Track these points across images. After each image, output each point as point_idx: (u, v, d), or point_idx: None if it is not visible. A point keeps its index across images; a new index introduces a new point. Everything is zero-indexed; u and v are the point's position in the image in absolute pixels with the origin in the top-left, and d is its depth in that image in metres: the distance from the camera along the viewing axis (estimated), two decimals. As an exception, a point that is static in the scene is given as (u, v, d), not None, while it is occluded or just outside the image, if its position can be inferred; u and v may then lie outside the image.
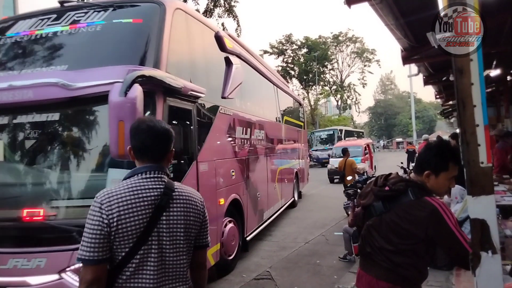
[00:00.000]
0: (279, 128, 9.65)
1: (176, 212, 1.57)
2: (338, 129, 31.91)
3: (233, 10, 18.42)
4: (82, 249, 1.42)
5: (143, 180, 1.54)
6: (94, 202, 1.47)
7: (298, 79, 41.24)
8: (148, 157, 1.59)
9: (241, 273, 5.47)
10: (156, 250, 1.49)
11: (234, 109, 6.03)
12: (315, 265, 5.77)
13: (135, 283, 1.47)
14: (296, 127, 12.11)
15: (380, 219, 1.95)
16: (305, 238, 7.44)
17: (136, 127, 1.61)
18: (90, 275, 1.41)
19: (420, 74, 10.27)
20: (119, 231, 1.43)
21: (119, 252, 1.45)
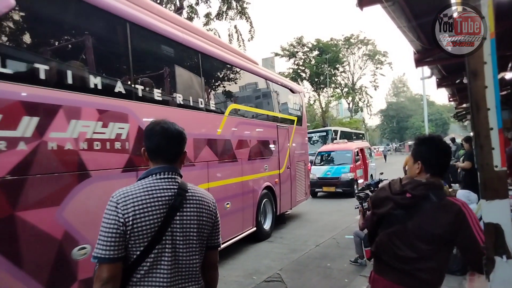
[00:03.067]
0: (208, 122, 5.75)
1: (190, 213, 1.60)
2: (332, 129, 27.13)
3: (245, 12, 18.48)
4: (98, 248, 1.45)
5: (158, 180, 1.57)
6: (110, 202, 1.50)
7: (309, 81, 41.07)
8: (162, 159, 1.63)
9: (251, 275, 5.47)
10: (169, 250, 1.52)
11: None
12: (326, 268, 5.74)
13: (149, 282, 1.50)
14: (277, 123, 8.42)
15: (405, 227, 1.88)
16: (316, 241, 7.41)
17: (151, 129, 1.64)
18: (106, 273, 1.43)
19: (433, 77, 10.15)
20: (134, 230, 1.46)
21: (134, 251, 1.48)
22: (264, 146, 7.75)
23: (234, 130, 6.46)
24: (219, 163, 5.85)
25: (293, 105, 9.91)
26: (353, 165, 14.26)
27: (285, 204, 8.89)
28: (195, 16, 17.93)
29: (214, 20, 18.55)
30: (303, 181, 10.12)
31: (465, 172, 7.05)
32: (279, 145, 8.44)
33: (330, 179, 14.01)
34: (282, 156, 8.61)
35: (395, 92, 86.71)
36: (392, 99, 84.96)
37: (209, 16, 18.44)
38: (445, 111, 67.96)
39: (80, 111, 3.38)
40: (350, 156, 14.61)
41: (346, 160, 14.46)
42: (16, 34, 3.15)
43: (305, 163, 10.34)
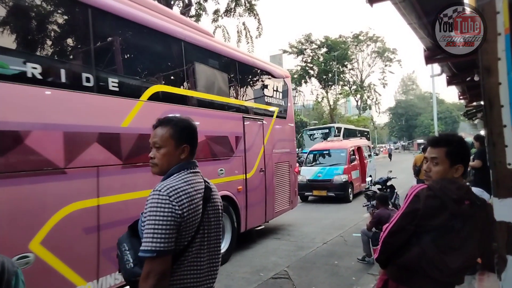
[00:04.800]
0: (103, 109, 4.01)
1: (215, 203, 1.73)
2: (335, 126, 25.39)
3: (253, 9, 18.43)
4: (155, 241, 1.43)
5: (192, 174, 1.66)
6: (159, 195, 1.49)
7: (317, 78, 40.91)
8: (193, 154, 1.73)
9: (258, 272, 5.49)
10: (206, 239, 1.62)
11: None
12: (333, 266, 5.73)
13: (192, 270, 1.57)
14: (244, 114, 6.64)
15: (460, 236, 1.74)
16: (323, 238, 7.39)
17: (194, 127, 1.74)
18: (163, 266, 1.45)
19: (443, 74, 10.03)
20: (187, 221, 1.53)
21: (182, 241, 1.53)
22: (219, 144, 5.93)
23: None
24: (123, 168, 4.08)
25: (273, 93, 7.85)
26: (348, 166, 12.72)
27: (256, 217, 6.89)
28: (204, 13, 17.93)
29: (223, 17, 18.52)
30: (287, 187, 8.10)
31: (475, 171, 6.97)
32: (246, 142, 6.56)
33: (321, 182, 12.48)
34: (251, 157, 6.71)
35: (404, 90, 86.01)
36: (401, 97, 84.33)
37: (217, 13, 18.42)
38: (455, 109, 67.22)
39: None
40: (344, 155, 13.01)
41: (339, 160, 12.92)
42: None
43: (290, 164, 8.32)
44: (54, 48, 3.78)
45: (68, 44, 3.99)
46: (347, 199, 12.29)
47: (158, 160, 1.65)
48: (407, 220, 1.80)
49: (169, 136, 1.64)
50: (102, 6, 4.06)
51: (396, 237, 1.85)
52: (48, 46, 3.71)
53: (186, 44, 5.33)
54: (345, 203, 11.98)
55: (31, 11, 3.53)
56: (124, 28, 4.58)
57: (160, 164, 1.65)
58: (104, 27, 4.30)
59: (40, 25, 3.66)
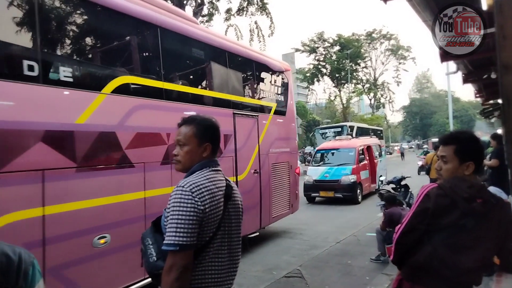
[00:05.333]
0: (51, 103, 3.38)
1: (236, 202, 1.76)
2: (348, 125, 24.79)
3: (266, 8, 18.42)
4: (178, 235, 1.48)
5: (214, 172, 1.70)
6: (182, 191, 1.55)
7: (330, 77, 40.65)
8: (214, 153, 1.78)
9: (271, 270, 5.50)
10: (227, 236, 1.66)
11: None
12: (346, 265, 5.70)
13: (213, 266, 1.60)
14: (235, 110, 6.02)
15: (472, 235, 1.72)
16: (336, 237, 7.36)
17: (217, 127, 1.78)
18: (186, 260, 1.49)
19: (458, 72, 9.86)
20: (209, 217, 1.56)
21: (204, 237, 1.56)
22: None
23: (127, 118, 4.02)
24: (78, 172, 3.48)
25: (270, 87, 7.25)
26: (356, 166, 12.15)
27: (249, 224, 6.13)
28: (216, 12, 17.99)
29: (235, 16, 18.56)
30: (286, 189, 7.48)
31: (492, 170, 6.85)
32: (237, 141, 5.98)
33: (329, 182, 11.96)
34: (243, 157, 6.10)
35: (418, 88, 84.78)
36: (415, 95, 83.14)
37: (229, 12, 18.46)
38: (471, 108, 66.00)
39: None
40: (353, 155, 12.42)
41: (348, 159, 12.34)
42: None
43: (290, 164, 7.69)
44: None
45: (2, 21, 3.11)
46: (356, 200, 11.78)
47: (181, 157, 1.72)
48: (418, 220, 1.79)
49: (193, 134, 1.71)
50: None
51: (408, 237, 1.84)
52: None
53: (162, 30, 4.64)
54: (354, 205, 11.49)
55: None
56: (82, 4, 3.84)
57: (183, 161, 1.72)
58: (65, 13, 3.64)
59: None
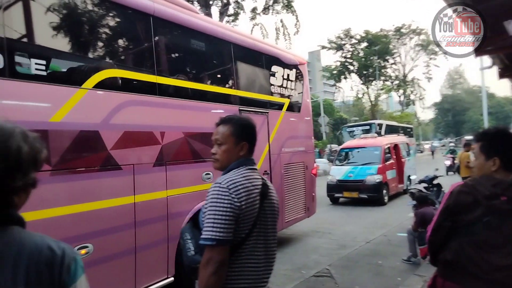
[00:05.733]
0: (21, 99, 3.08)
1: (272, 201, 1.77)
2: (376, 123, 24.30)
3: (291, 6, 18.34)
4: (215, 230, 1.51)
5: (250, 171, 1.73)
6: (219, 188, 1.59)
7: (357, 74, 39.98)
8: (251, 152, 1.81)
9: (300, 269, 5.48)
10: (262, 235, 1.67)
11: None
12: (377, 265, 5.60)
13: (249, 264, 1.62)
14: (240, 106, 5.54)
15: (498, 233, 1.72)
16: (366, 237, 7.24)
17: (253, 126, 1.82)
18: (222, 255, 1.52)
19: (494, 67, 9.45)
20: (244, 214, 1.58)
21: (240, 234, 1.59)
22: (205, 142, 4.67)
23: (113, 115, 3.67)
24: (53, 176, 3.12)
25: (282, 82, 6.70)
26: (382, 165, 11.54)
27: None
28: (242, 12, 18.07)
29: (261, 14, 18.59)
30: (302, 191, 6.97)
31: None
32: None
33: (353, 182, 11.49)
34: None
35: (450, 84, 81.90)
36: (447, 91, 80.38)
37: (255, 11, 18.51)
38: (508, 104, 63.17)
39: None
40: (378, 154, 11.77)
41: (373, 158, 11.73)
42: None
43: (306, 165, 7.15)
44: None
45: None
46: (382, 201, 11.22)
47: (219, 155, 1.76)
48: (443, 217, 1.87)
49: (230, 133, 1.75)
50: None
51: (437, 234, 1.92)
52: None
53: (156, 20, 4.27)
54: (379, 206, 10.93)
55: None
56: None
57: (221, 160, 1.76)
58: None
59: None
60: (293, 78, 7.05)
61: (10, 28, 2.98)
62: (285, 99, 6.76)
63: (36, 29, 3.27)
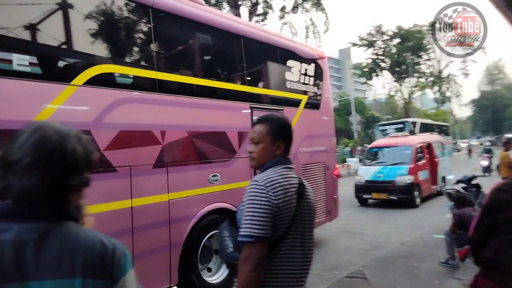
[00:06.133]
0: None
1: (309, 201, 1.77)
2: (410, 121, 23.32)
3: (320, 3, 18.14)
4: (252, 227, 1.54)
5: (287, 169, 1.74)
6: (257, 185, 1.62)
7: (389, 71, 38.95)
8: (287, 151, 1.82)
9: (332, 270, 5.42)
10: (300, 234, 1.68)
11: None
12: (413, 267, 5.44)
13: (286, 263, 1.63)
14: (252, 103, 5.20)
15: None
16: (400, 239, 7.05)
17: (289, 124, 1.84)
18: (261, 252, 1.54)
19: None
20: (282, 213, 1.59)
21: (277, 232, 1.60)
22: (211, 142, 4.54)
23: (107, 113, 3.45)
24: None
25: (300, 77, 6.31)
26: (413, 165, 11.03)
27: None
28: (271, 11, 18.05)
29: (290, 13, 18.50)
30: (322, 194, 6.62)
31: None
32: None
33: (382, 183, 11.01)
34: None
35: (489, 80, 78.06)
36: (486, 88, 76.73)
37: (284, 10, 18.43)
38: (553, 99, 59.58)
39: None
40: (409, 153, 11.31)
41: (404, 158, 11.26)
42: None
43: (327, 165, 6.72)
44: None
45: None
46: (413, 203, 10.66)
47: (256, 154, 1.79)
48: (483, 214, 1.91)
49: (266, 133, 1.77)
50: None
51: (478, 232, 1.95)
52: None
53: (156, 11, 4.03)
54: (411, 209, 10.37)
55: None
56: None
57: (258, 158, 1.79)
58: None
59: None
60: (312, 73, 6.63)
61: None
62: (302, 95, 6.37)
63: (17, 20, 2.98)
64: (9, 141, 0.94)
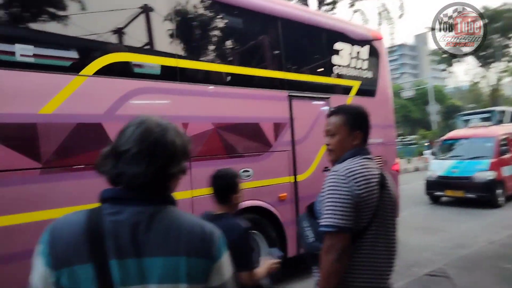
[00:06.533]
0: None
1: (390, 192, 1.69)
2: (497, 110, 20.55)
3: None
4: (335, 217, 1.51)
5: (368, 160, 1.70)
6: (337, 175, 1.60)
7: (474, 55, 35.61)
8: (365, 140, 1.78)
9: (410, 267, 5.15)
10: (382, 227, 1.62)
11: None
12: (504, 269, 4.95)
13: (370, 257, 1.59)
14: (291, 91, 4.79)
15: None
16: (488, 237, 6.45)
17: (365, 113, 1.80)
18: (343, 242, 1.51)
19: None
20: (363, 204, 1.55)
21: (360, 224, 1.57)
22: (241, 134, 4.22)
23: (121, 105, 3.23)
24: (43, 174, 2.81)
25: (350, 61, 5.70)
26: (496, 160, 9.56)
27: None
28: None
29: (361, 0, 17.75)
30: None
31: None
32: (295, 131, 4.74)
33: (457, 179, 9.73)
34: (305, 151, 4.82)
35: None
36: None
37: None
38: None
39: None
40: (491, 146, 9.87)
41: (484, 152, 9.85)
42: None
43: (385, 160, 5.75)
44: None
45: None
46: (495, 203, 9.23)
47: (333, 146, 1.77)
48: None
49: (342, 123, 1.74)
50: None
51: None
52: None
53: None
54: (493, 209, 8.97)
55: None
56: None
57: (335, 150, 1.76)
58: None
59: None
60: (365, 57, 5.99)
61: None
62: (353, 81, 5.73)
63: (23, 10, 2.89)
64: (118, 133, 1.05)
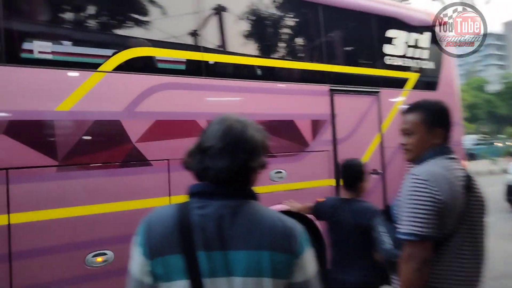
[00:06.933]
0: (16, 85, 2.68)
1: (478, 195, 1.56)
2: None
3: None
4: (415, 225, 1.42)
5: (450, 160, 1.58)
6: (416, 179, 1.49)
7: None
8: (447, 138, 1.66)
9: (498, 278, 4.71)
10: (469, 233, 1.51)
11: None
12: None
13: (454, 266, 1.48)
14: (332, 85, 4.27)
15: None
16: None
17: (446, 109, 1.71)
18: (425, 251, 1.41)
19: None
20: (446, 210, 1.44)
21: (442, 231, 1.46)
22: (273, 133, 3.67)
23: (141, 102, 3.09)
24: (60, 172, 2.76)
25: (406, 50, 5.09)
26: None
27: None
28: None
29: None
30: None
31: None
32: (338, 129, 4.25)
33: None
34: (349, 151, 4.17)
35: None
36: None
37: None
38: None
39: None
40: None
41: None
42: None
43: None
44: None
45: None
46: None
47: (411, 146, 1.66)
48: None
49: (420, 121, 1.63)
50: None
51: None
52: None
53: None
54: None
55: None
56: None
57: (414, 150, 1.65)
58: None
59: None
60: (425, 45, 5.28)
61: (10, 13, 2.68)
62: (409, 73, 5.12)
63: (40, 7, 2.89)
64: (202, 131, 1.11)
